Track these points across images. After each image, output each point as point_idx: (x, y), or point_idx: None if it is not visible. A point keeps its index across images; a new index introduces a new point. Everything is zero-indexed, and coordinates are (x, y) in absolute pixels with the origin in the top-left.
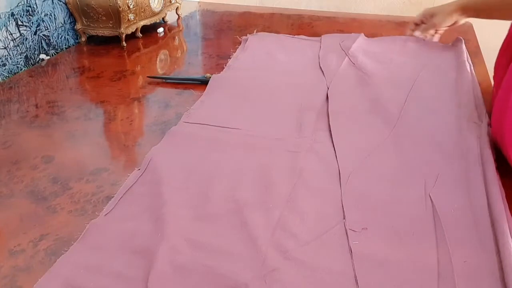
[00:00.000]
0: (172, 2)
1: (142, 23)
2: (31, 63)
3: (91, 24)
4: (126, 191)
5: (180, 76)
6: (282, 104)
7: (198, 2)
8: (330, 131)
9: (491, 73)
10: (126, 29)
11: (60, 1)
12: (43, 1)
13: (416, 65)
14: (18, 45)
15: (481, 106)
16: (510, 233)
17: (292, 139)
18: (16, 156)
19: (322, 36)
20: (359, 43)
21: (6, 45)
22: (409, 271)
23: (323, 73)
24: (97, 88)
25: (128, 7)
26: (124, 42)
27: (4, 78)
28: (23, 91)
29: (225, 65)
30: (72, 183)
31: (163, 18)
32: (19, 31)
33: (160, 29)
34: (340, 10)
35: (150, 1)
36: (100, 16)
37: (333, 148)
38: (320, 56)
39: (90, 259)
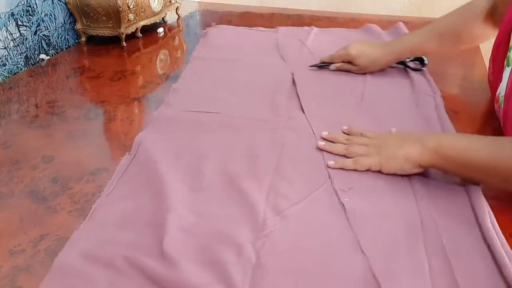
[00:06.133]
0: (172, 2)
1: (142, 23)
2: (31, 63)
3: (91, 24)
4: (123, 172)
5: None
6: (252, 89)
7: (198, 2)
8: (302, 110)
9: None
10: (126, 29)
11: (60, 1)
12: (43, 1)
13: None
14: (18, 45)
15: (431, 81)
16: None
17: (269, 118)
18: (16, 156)
19: (279, 27)
20: (314, 33)
21: (6, 45)
22: (396, 220)
23: (284, 60)
24: (97, 88)
25: (128, 7)
26: (124, 42)
27: (4, 78)
28: (23, 91)
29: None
30: (72, 183)
31: (163, 18)
32: (19, 31)
33: (160, 29)
34: (340, 10)
35: (150, 1)
36: (100, 16)
37: (307, 124)
38: (279, 45)
39: (102, 234)
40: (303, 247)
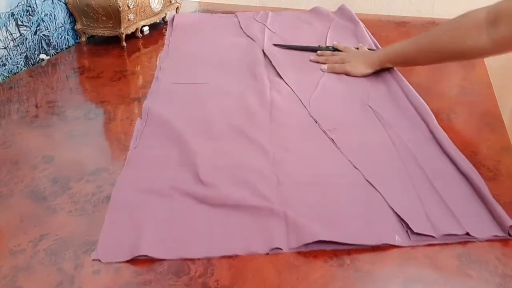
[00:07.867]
0: (172, 2)
1: (142, 23)
2: (31, 63)
3: (91, 24)
4: (142, 130)
5: (299, 45)
6: (231, 64)
7: (198, 2)
8: (279, 77)
9: (491, 72)
10: (126, 29)
11: (60, 1)
12: (43, 1)
13: (322, 27)
14: (18, 45)
15: (377, 45)
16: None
17: (255, 85)
18: (16, 156)
19: (237, 13)
20: (271, 16)
21: (6, 45)
22: (372, 144)
23: (252, 39)
24: (97, 88)
25: (128, 7)
26: (124, 42)
27: (4, 78)
28: (23, 91)
29: None
30: (72, 183)
31: (163, 18)
32: (19, 31)
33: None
34: None
35: (150, 1)
36: (100, 16)
37: (287, 87)
38: (243, 27)
39: (145, 174)
40: (309, 168)
